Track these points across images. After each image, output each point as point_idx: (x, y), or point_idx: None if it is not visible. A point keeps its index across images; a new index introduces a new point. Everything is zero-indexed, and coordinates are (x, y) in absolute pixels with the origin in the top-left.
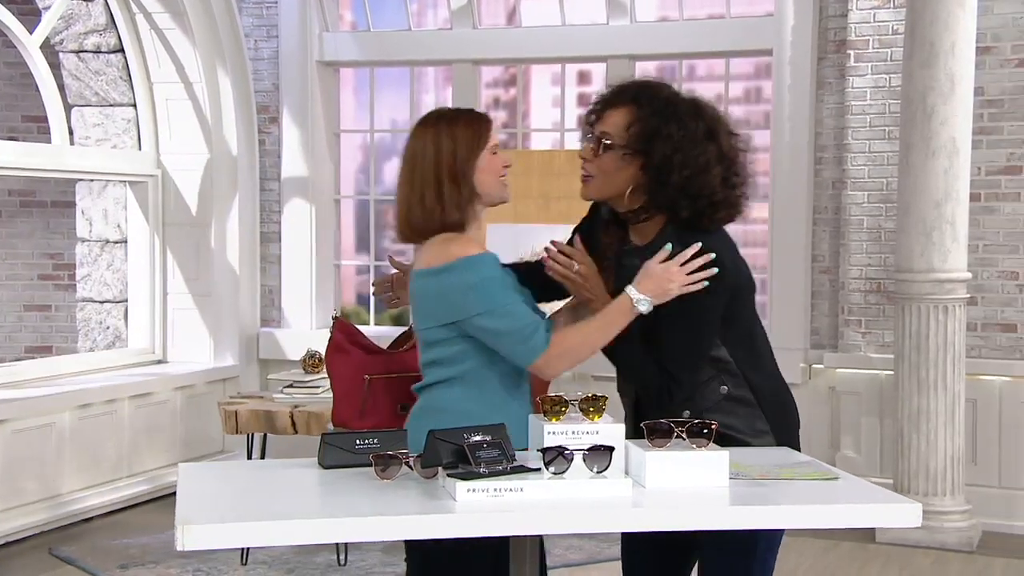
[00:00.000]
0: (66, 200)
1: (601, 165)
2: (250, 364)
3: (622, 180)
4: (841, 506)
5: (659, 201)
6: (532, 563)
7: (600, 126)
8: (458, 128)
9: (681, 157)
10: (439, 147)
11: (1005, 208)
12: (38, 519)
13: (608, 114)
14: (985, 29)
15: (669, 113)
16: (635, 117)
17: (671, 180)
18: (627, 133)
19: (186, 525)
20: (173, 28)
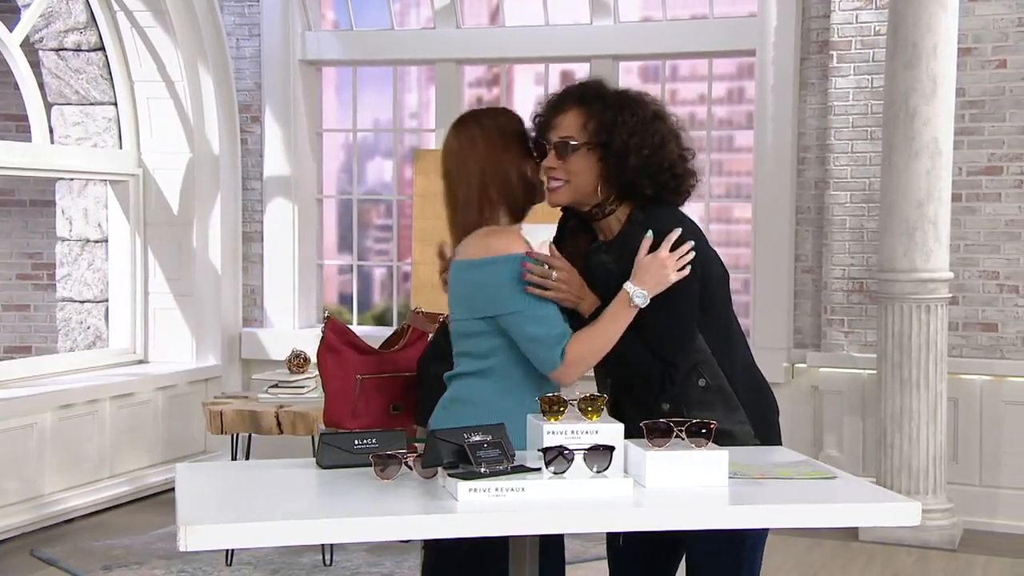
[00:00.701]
0: (45, 199)
1: (570, 168)
2: (232, 364)
3: (591, 177)
4: (840, 505)
5: (623, 184)
6: (532, 563)
7: (556, 133)
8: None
9: (638, 139)
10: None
11: (986, 208)
12: (19, 520)
13: (559, 120)
14: (966, 30)
15: (618, 104)
16: (588, 114)
17: (630, 163)
18: (586, 131)
19: (188, 526)
20: (154, 26)
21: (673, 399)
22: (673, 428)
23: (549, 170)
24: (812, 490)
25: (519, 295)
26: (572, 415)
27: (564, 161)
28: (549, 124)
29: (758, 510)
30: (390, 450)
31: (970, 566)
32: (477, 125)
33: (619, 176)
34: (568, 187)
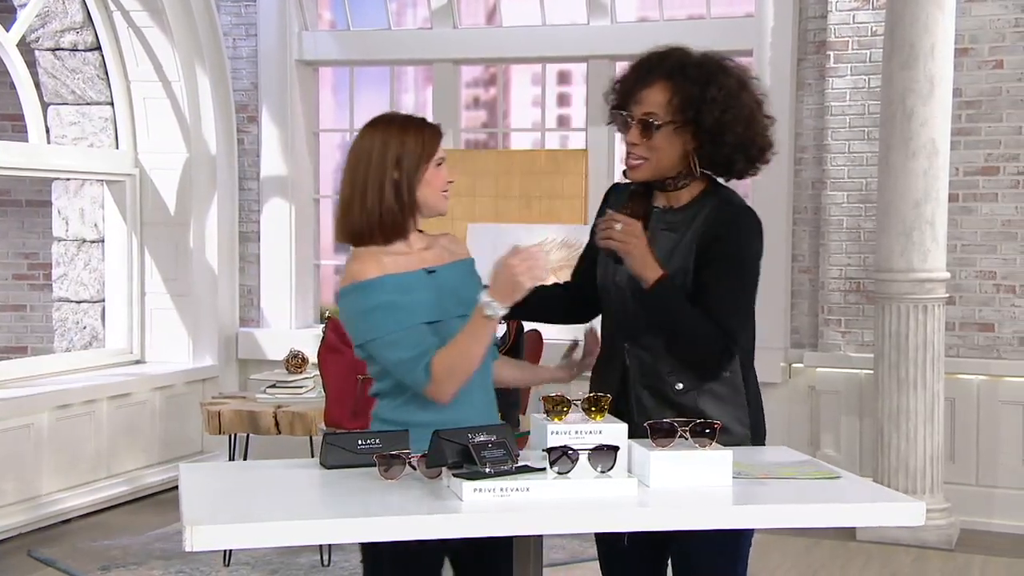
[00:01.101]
0: (41, 199)
1: (652, 145)
2: (229, 364)
3: (675, 154)
4: (844, 505)
5: (717, 162)
6: (536, 563)
7: (639, 108)
8: (407, 137)
9: (731, 116)
10: (385, 153)
11: (983, 208)
12: (17, 520)
13: (643, 94)
14: (963, 31)
15: (704, 77)
16: (673, 90)
17: (726, 140)
18: (671, 107)
19: (194, 526)
20: (151, 26)
21: (689, 380)
22: (677, 428)
23: (631, 146)
24: (816, 490)
25: (371, 324)
26: (576, 415)
27: (648, 139)
28: (632, 96)
29: (762, 510)
30: (394, 450)
31: (967, 566)
32: (381, 134)
33: (713, 154)
34: (649, 165)
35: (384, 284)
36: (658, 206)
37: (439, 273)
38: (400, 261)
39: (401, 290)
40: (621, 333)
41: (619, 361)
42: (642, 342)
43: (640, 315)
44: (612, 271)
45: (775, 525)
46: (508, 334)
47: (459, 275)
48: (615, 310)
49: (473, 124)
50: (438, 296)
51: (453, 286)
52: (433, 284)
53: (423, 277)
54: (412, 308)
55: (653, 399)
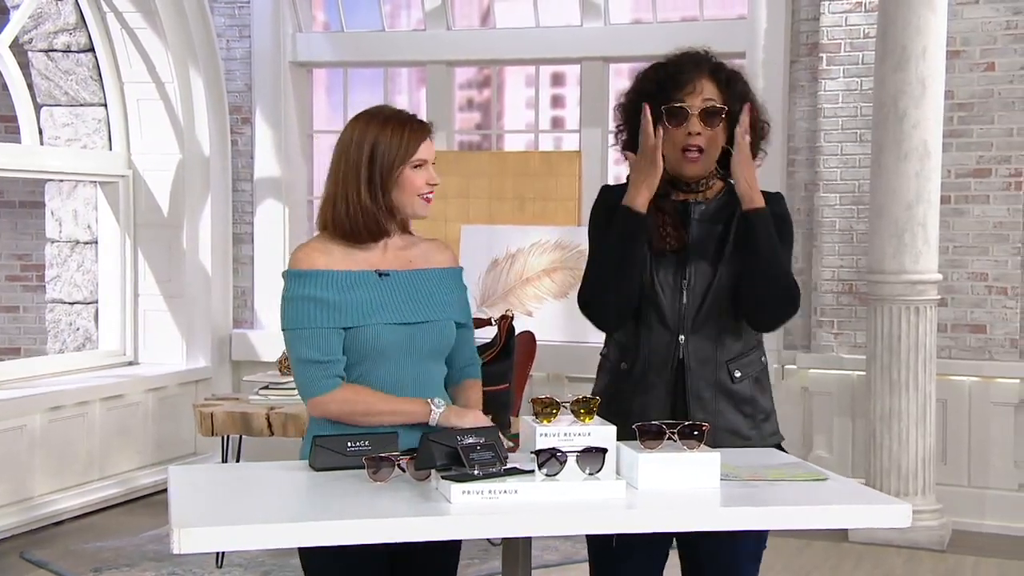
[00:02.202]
0: (34, 200)
1: (712, 136)
2: (222, 365)
3: (719, 146)
4: (831, 507)
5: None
6: (524, 565)
7: (697, 97)
8: (385, 135)
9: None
10: (362, 149)
11: (975, 210)
12: (9, 522)
13: (699, 84)
14: (955, 33)
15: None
16: (718, 83)
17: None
18: (723, 97)
19: (182, 528)
20: (144, 27)
21: (743, 370)
22: (665, 430)
23: (694, 137)
24: (803, 492)
25: (289, 313)
26: (565, 417)
27: (712, 127)
28: (686, 87)
29: (750, 512)
30: (383, 452)
31: (959, 566)
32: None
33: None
34: (706, 157)
35: (312, 278)
36: (686, 200)
37: (393, 277)
38: (356, 256)
39: (333, 287)
40: (675, 327)
41: (671, 356)
42: (702, 334)
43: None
44: (654, 267)
45: (763, 527)
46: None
47: (421, 282)
48: (665, 305)
49: (467, 126)
50: (378, 300)
51: (407, 293)
52: (380, 287)
53: (370, 278)
54: (336, 308)
55: (711, 390)
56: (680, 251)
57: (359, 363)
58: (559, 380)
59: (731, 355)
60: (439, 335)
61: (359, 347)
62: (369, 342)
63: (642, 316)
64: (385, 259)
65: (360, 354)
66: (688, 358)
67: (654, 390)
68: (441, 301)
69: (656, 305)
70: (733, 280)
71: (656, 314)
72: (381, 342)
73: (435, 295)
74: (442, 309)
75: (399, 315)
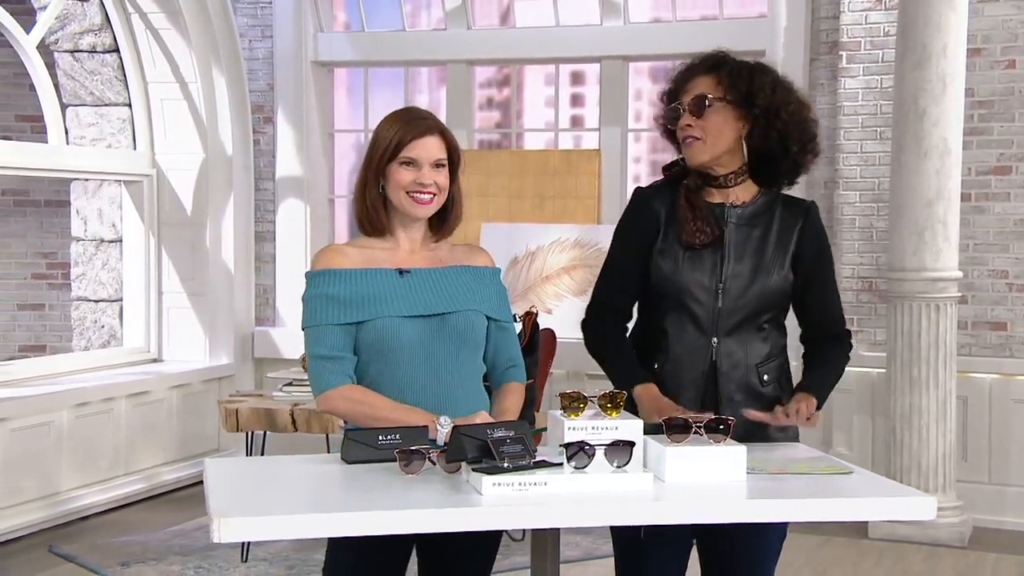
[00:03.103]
0: (59, 200)
1: (705, 125)
2: (245, 363)
3: (729, 134)
4: (856, 499)
5: (769, 143)
6: (553, 557)
7: (688, 95)
8: (385, 131)
9: (782, 95)
10: (371, 143)
11: (995, 208)
12: (37, 517)
13: (690, 84)
14: (975, 31)
15: (748, 68)
16: (718, 77)
17: (781, 117)
18: (721, 88)
19: (222, 518)
20: (168, 28)
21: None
22: (692, 424)
23: (685, 128)
24: (829, 485)
25: (304, 313)
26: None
27: (699, 117)
28: (680, 90)
29: (776, 504)
30: (414, 445)
31: (980, 563)
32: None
33: (766, 134)
34: (703, 144)
35: (326, 276)
36: (722, 202)
37: (414, 274)
38: (377, 256)
39: (345, 284)
40: (708, 329)
41: (704, 357)
42: (734, 337)
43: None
44: (688, 268)
45: (789, 519)
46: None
47: (446, 279)
48: (699, 307)
49: (487, 124)
50: (393, 294)
51: (427, 288)
52: (398, 283)
53: (389, 275)
54: (346, 303)
55: (742, 392)
56: (711, 249)
57: (376, 359)
58: (579, 377)
59: (760, 358)
60: (463, 326)
61: (373, 341)
62: (383, 335)
63: (675, 317)
64: (411, 260)
65: (375, 349)
66: (720, 361)
67: (684, 391)
68: (467, 293)
69: (690, 307)
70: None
71: (689, 316)
72: (395, 336)
73: (461, 288)
74: (466, 301)
75: (417, 308)
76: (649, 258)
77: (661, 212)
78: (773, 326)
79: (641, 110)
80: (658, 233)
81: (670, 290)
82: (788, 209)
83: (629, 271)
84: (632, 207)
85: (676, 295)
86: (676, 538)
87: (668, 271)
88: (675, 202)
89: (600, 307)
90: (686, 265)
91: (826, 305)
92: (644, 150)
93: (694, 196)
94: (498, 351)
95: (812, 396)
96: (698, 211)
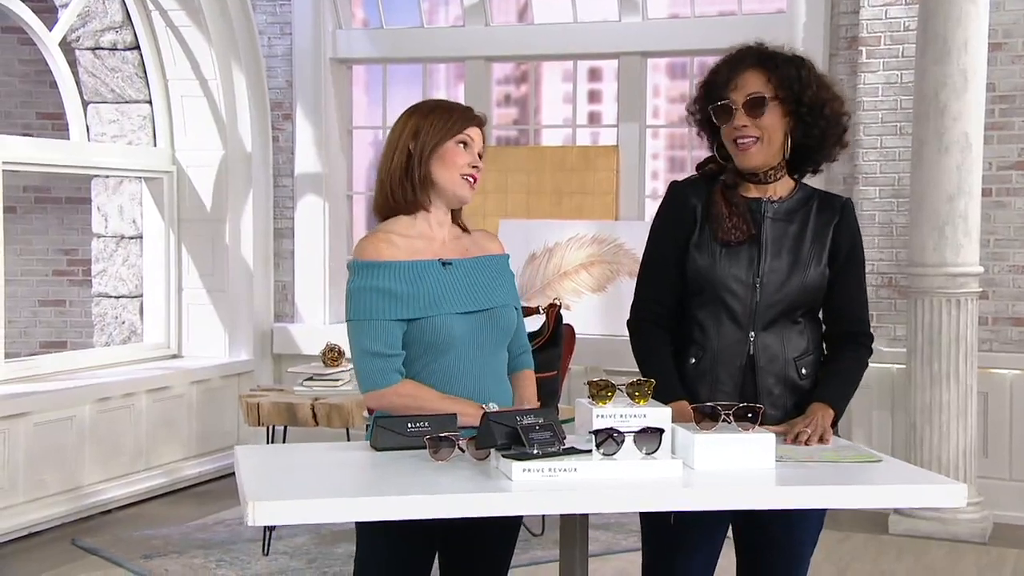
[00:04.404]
0: (80, 196)
1: (762, 124)
2: (264, 359)
3: (780, 133)
4: (887, 486)
5: (813, 140)
6: (582, 543)
7: (740, 92)
8: (433, 115)
9: (825, 92)
10: (406, 128)
11: (1016, 203)
12: (60, 510)
13: (741, 80)
14: (996, 25)
15: (793, 60)
16: (768, 72)
17: (824, 114)
18: (771, 86)
19: (256, 502)
20: (189, 25)
21: (809, 366)
22: (721, 412)
23: (740, 129)
24: (857, 472)
25: (348, 305)
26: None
27: (758, 117)
28: (729, 84)
29: (805, 491)
30: (443, 432)
31: (1001, 559)
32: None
33: (808, 131)
34: (761, 146)
35: (379, 269)
36: (759, 197)
37: (456, 266)
38: (417, 246)
39: (400, 279)
40: (746, 324)
41: (742, 351)
42: (772, 331)
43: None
44: (726, 263)
45: (818, 505)
46: (547, 324)
47: (481, 270)
48: (736, 302)
49: (504, 121)
50: (444, 289)
51: (470, 281)
52: (445, 277)
53: (435, 268)
54: (402, 300)
55: (780, 386)
56: (748, 244)
57: (424, 354)
58: (597, 373)
59: (797, 352)
60: (504, 321)
61: (426, 338)
62: (437, 333)
63: (711, 311)
64: (445, 249)
65: (426, 345)
66: (758, 355)
67: (722, 386)
68: (501, 287)
69: (727, 302)
70: (805, 280)
71: (727, 311)
72: (449, 332)
73: (494, 282)
74: (502, 295)
75: (465, 304)
76: (686, 251)
77: (697, 206)
78: (809, 320)
79: (659, 106)
80: (695, 225)
81: (706, 284)
82: (824, 205)
83: (669, 264)
84: (668, 200)
85: (713, 290)
86: (709, 528)
87: (704, 266)
88: (711, 197)
89: (643, 304)
90: (723, 260)
91: (852, 303)
92: (662, 146)
93: (731, 192)
94: (514, 338)
95: (829, 408)
96: (734, 208)
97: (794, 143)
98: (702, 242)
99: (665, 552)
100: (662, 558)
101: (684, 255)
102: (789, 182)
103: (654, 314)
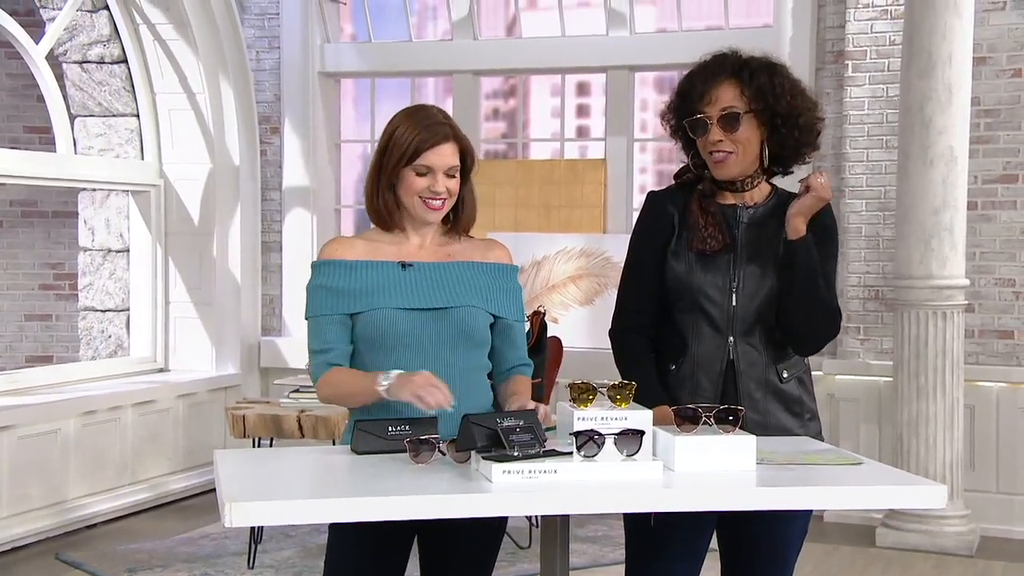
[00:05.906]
0: (67, 210)
1: (737, 138)
2: (251, 372)
3: (756, 144)
4: (867, 488)
5: (786, 149)
6: (563, 544)
7: (714, 106)
8: (402, 130)
9: (798, 101)
10: (384, 139)
11: (1001, 216)
12: (44, 525)
13: (714, 94)
14: (981, 40)
15: (767, 69)
16: (741, 84)
17: (800, 123)
18: (745, 98)
19: (232, 503)
20: (176, 39)
21: (792, 369)
22: (701, 414)
23: (715, 143)
24: (838, 474)
25: (306, 303)
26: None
27: (732, 132)
28: (703, 98)
29: (786, 492)
30: (423, 435)
31: (988, 572)
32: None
33: (783, 140)
34: (737, 158)
35: (327, 267)
36: (735, 204)
37: (417, 268)
38: (385, 250)
39: (344, 275)
40: (724, 329)
41: (721, 356)
42: (750, 336)
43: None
44: (702, 270)
45: (798, 506)
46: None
47: (453, 272)
48: (714, 308)
49: (493, 135)
50: (392, 286)
51: (429, 282)
52: (399, 276)
53: (390, 268)
54: (342, 294)
55: (760, 390)
56: (724, 252)
57: (371, 350)
58: None
59: (777, 356)
60: (466, 322)
61: (368, 332)
62: (377, 327)
63: (691, 318)
64: (418, 255)
65: (370, 340)
66: (738, 360)
67: (703, 391)
68: (471, 289)
69: (705, 308)
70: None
71: (705, 317)
72: (392, 327)
73: (464, 284)
74: (468, 297)
75: (413, 301)
76: (664, 259)
77: (675, 214)
78: None
79: (647, 120)
80: (672, 233)
81: (685, 292)
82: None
83: (649, 273)
84: (646, 209)
85: (691, 297)
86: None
87: (682, 273)
88: (688, 206)
89: (625, 313)
90: (699, 267)
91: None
92: (650, 160)
93: (707, 201)
94: (505, 350)
95: None
96: (710, 217)
97: (770, 151)
98: (679, 250)
99: (647, 554)
100: (643, 562)
101: (663, 263)
102: (765, 187)
103: (636, 323)
